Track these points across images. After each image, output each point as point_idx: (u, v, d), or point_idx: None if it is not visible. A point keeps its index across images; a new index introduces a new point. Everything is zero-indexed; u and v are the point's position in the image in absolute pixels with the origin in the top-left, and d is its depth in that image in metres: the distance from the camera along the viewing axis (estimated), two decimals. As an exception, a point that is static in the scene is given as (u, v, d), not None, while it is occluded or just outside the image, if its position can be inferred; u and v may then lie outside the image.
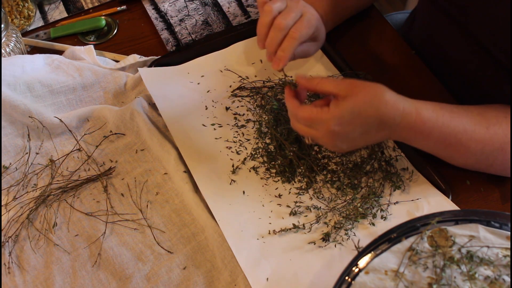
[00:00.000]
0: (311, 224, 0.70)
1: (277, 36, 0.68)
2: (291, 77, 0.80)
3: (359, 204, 0.70)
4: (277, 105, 0.78)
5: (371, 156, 0.75)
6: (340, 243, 0.68)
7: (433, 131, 0.64)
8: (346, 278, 0.58)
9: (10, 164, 0.77)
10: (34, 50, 0.91)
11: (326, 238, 0.68)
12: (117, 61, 0.88)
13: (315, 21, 0.72)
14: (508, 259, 0.57)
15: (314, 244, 0.68)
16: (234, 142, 0.78)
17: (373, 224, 0.69)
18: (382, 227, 0.69)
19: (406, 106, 0.63)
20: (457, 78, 0.83)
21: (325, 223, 0.70)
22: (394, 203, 0.71)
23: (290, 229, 0.69)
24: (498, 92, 0.76)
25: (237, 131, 0.79)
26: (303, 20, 0.69)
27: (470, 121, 0.65)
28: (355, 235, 0.68)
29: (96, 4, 0.98)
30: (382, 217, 0.70)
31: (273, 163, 0.75)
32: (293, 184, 0.73)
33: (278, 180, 0.74)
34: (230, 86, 0.84)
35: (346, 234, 0.69)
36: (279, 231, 0.69)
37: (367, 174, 0.73)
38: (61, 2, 0.99)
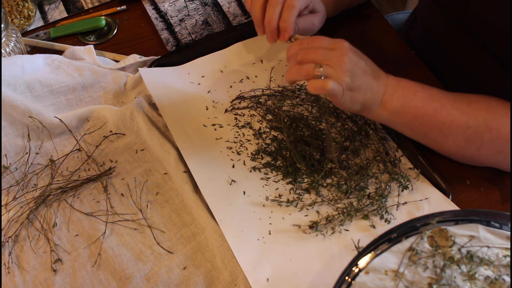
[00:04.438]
0: (303, 203, 0.71)
1: (275, 10, 0.70)
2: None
3: (365, 204, 0.70)
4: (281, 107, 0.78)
5: (375, 158, 0.74)
6: (323, 234, 0.68)
7: (417, 90, 0.68)
8: (346, 278, 0.58)
9: (10, 164, 0.77)
10: (34, 50, 0.91)
11: (313, 226, 0.69)
12: (117, 61, 0.88)
13: None
14: (508, 259, 0.57)
15: (300, 227, 0.69)
16: (234, 142, 0.78)
17: (374, 227, 0.69)
18: (382, 229, 0.69)
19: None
20: (458, 77, 0.83)
21: (323, 216, 0.70)
22: (403, 203, 0.71)
23: (282, 202, 0.71)
24: (499, 91, 0.76)
25: (237, 132, 0.79)
26: None
27: (451, 95, 0.69)
28: (347, 230, 0.68)
29: (96, 4, 0.98)
30: (386, 220, 0.69)
31: (279, 163, 0.75)
32: (294, 185, 0.73)
33: (279, 181, 0.74)
34: (231, 87, 0.84)
35: (332, 228, 0.69)
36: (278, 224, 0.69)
37: (373, 176, 0.73)
38: (61, 2, 0.99)
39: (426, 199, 0.71)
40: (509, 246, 0.57)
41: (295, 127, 0.78)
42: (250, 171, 0.75)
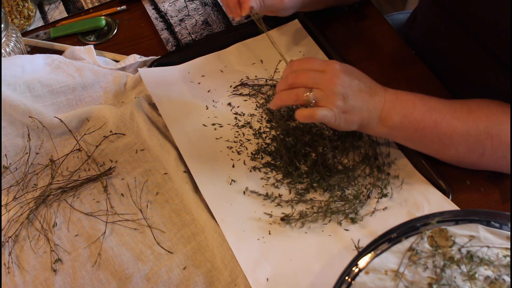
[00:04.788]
0: (281, 199, 0.72)
1: None
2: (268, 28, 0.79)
3: (334, 203, 0.70)
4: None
5: (363, 161, 0.74)
6: (292, 226, 0.69)
7: (416, 103, 0.66)
8: (346, 278, 0.58)
9: (10, 164, 0.77)
10: (34, 50, 0.91)
11: (285, 218, 0.69)
12: (117, 61, 0.88)
13: None
14: (508, 259, 0.57)
15: (270, 216, 0.70)
16: (234, 142, 0.78)
17: (344, 227, 0.69)
18: (356, 231, 0.69)
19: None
20: (458, 77, 0.83)
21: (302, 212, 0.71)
22: (383, 209, 0.70)
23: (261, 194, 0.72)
24: (499, 91, 0.76)
25: (237, 131, 0.79)
26: None
27: (450, 104, 0.67)
28: (347, 230, 0.69)
29: (96, 4, 0.98)
30: (352, 220, 0.69)
31: (279, 163, 0.75)
32: (293, 185, 0.73)
33: (279, 180, 0.74)
34: (231, 86, 0.84)
35: (302, 223, 0.69)
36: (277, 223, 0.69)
37: (355, 179, 0.73)
38: (61, 2, 0.99)
39: (426, 199, 0.71)
40: (509, 246, 0.57)
41: (287, 117, 0.77)
42: (250, 171, 0.75)
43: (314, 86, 0.64)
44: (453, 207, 0.70)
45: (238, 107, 0.82)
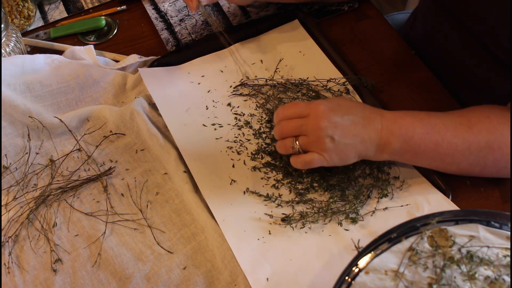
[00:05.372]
0: (281, 199, 0.72)
1: None
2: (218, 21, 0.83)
3: (334, 203, 0.70)
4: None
5: (364, 161, 0.74)
6: (292, 227, 0.69)
7: (415, 126, 0.65)
8: (346, 278, 0.58)
9: (10, 164, 0.77)
10: (34, 50, 0.91)
11: (285, 219, 0.69)
12: (117, 61, 0.88)
13: None
14: (508, 259, 0.57)
15: (271, 217, 0.70)
16: (234, 142, 0.78)
17: (344, 227, 0.69)
18: (356, 231, 0.69)
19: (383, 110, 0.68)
20: (458, 77, 0.83)
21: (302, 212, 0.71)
22: (383, 209, 0.70)
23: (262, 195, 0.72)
24: (499, 91, 0.76)
25: (237, 131, 0.79)
26: None
27: (450, 121, 0.66)
28: (347, 230, 0.68)
29: (96, 4, 0.98)
30: (352, 220, 0.69)
31: (278, 163, 0.75)
32: (293, 184, 0.73)
33: (279, 180, 0.74)
34: (231, 86, 0.84)
35: (302, 223, 0.69)
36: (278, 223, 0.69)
37: (356, 179, 0.73)
38: (61, 2, 0.99)
39: (426, 199, 0.71)
40: (509, 246, 0.57)
41: None
42: (250, 171, 0.75)
43: (300, 134, 0.65)
44: (453, 207, 0.70)
45: (238, 107, 0.82)
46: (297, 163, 0.67)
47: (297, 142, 0.65)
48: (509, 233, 0.58)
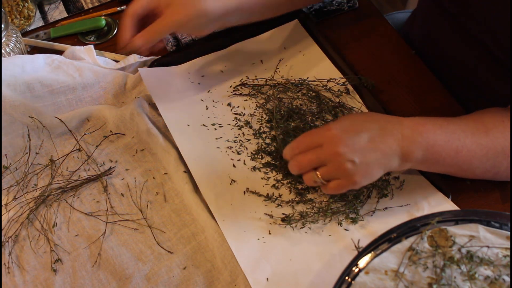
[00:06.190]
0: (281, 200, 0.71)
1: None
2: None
3: (334, 203, 0.70)
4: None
5: None
6: (292, 227, 0.69)
7: (436, 133, 0.63)
8: (346, 278, 0.58)
9: (10, 164, 0.77)
10: (34, 50, 0.91)
11: (286, 219, 0.69)
12: (117, 61, 0.88)
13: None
14: (508, 259, 0.57)
15: (271, 217, 0.70)
16: (234, 142, 0.78)
17: (344, 227, 0.69)
18: (356, 231, 0.69)
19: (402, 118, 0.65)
20: (458, 77, 0.83)
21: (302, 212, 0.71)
22: (383, 209, 0.70)
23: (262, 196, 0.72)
24: (499, 92, 0.76)
25: (237, 131, 0.79)
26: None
27: (467, 127, 0.65)
28: (347, 230, 0.69)
29: (96, 4, 0.98)
30: (352, 220, 0.69)
31: (279, 163, 0.75)
32: (294, 184, 0.73)
33: (279, 180, 0.74)
34: (231, 86, 0.84)
35: (302, 223, 0.69)
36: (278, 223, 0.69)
37: None
38: (61, 2, 0.99)
39: (426, 199, 0.71)
40: (509, 246, 0.57)
41: (287, 117, 0.77)
42: (250, 171, 0.75)
43: (319, 165, 0.63)
44: (453, 207, 0.70)
45: (238, 107, 0.82)
46: (328, 192, 0.65)
47: (318, 174, 0.63)
48: (509, 233, 0.58)
